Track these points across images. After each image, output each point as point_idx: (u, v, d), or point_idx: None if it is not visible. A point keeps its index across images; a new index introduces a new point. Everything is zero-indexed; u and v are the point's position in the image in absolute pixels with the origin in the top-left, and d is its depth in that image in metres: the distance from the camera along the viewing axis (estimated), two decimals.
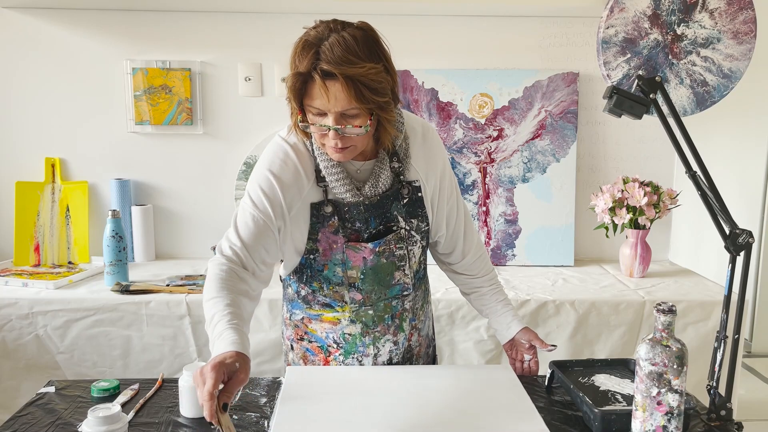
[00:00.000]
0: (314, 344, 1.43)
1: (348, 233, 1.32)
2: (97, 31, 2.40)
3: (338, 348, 1.41)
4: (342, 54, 1.15)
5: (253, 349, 2.03)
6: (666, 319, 1.05)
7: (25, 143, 2.44)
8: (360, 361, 1.42)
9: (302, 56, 1.17)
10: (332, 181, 1.28)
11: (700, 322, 2.08)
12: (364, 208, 1.31)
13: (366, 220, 1.32)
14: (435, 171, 1.38)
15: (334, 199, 1.30)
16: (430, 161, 1.37)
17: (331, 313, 1.39)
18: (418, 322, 1.47)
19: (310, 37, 1.20)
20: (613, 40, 1.51)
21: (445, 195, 1.41)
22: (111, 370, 2.04)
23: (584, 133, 2.53)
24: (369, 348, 1.41)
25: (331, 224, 1.30)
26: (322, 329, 1.41)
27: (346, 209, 1.30)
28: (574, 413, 1.28)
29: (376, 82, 1.17)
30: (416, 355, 1.49)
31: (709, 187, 1.34)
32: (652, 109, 1.44)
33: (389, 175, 1.31)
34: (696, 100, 1.54)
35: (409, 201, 1.35)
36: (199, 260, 2.48)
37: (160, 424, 1.21)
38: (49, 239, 2.42)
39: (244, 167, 2.45)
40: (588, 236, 2.56)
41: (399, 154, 1.33)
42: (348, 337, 1.40)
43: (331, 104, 1.16)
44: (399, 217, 1.34)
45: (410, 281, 1.40)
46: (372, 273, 1.34)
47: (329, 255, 1.32)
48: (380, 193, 1.31)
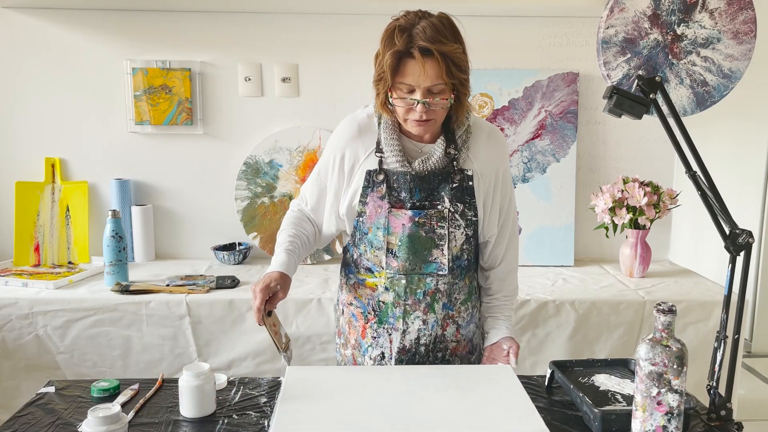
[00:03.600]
0: (358, 310, 1.54)
1: (393, 200, 1.45)
2: (97, 31, 2.40)
3: (374, 316, 1.51)
4: (433, 35, 1.33)
5: (252, 349, 2.04)
6: (666, 319, 1.05)
7: (25, 143, 2.44)
8: (390, 334, 1.49)
9: (397, 38, 1.33)
10: (388, 152, 1.44)
11: (700, 322, 2.08)
12: (410, 179, 1.44)
13: (411, 191, 1.45)
14: (492, 170, 1.50)
15: (387, 169, 1.45)
16: (489, 159, 1.50)
17: (371, 278, 1.50)
18: (455, 314, 1.52)
19: (401, 23, 1.35)
20: (613, 40, 1.51)
21: (498, 197, 1.52)
22: (111, 370, 2.04)
23: (584, 133, 2.53)
24: (399, 321, 1.48)
25: (379, 190, 1.45)
26: (365, 295, 1.52)
27: (395, 178, 1.45)
28: (574, 413, 1.28)
29: (461, 59, 1.36)
30: (452, 352, 1.53)
31: (709, 187, 1.34)
32: (652, 109, 1.44)
33: (442, 157, 1.44)
34: (696, 100, 1.54)
35: (459, 186, 1.47)
36: (199, 260, 2.48)
37: (160, 424, 1.21)
38: (49, 239, 2.42)
39: (244, 167, 2.45)
40: (588, 236, 2.56)
41: (457, 143, 1.47)
42: (382, 305, 1.50)
43: (422, 79, 1.33)
44: (446, 197, 1.46)
45: (447, 262, 1.47)
46: (409, 242, 1.44)
47: (374, 219, 1.46)
48: (429, 169, 1.44)
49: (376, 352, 1.51)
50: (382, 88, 1.38)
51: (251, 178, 2.45)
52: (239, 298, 2.02)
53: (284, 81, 2.45)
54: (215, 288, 2.11)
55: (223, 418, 1.24)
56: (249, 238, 2.48)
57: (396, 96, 1.36)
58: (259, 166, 2.45)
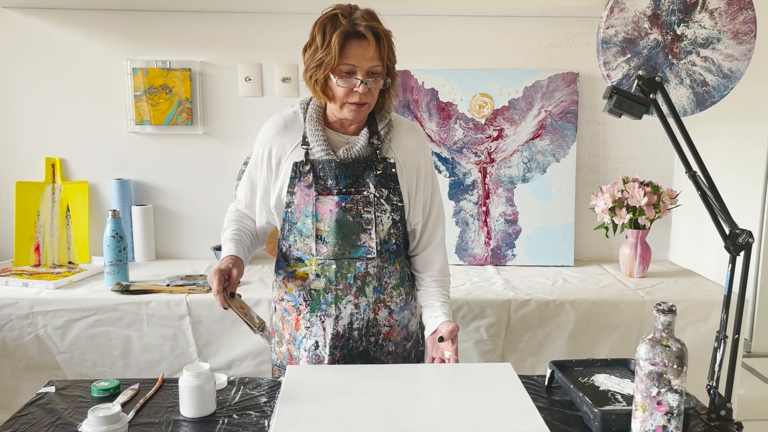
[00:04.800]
0: (289, 303, 1.59)
1: (320, 188, 1.52)
2: (97, 31, 2.40)
3: (306, 305, 1.55)
4: (372, 19, 1.44)
5: (253, 349, 2.04)
6: (666, 319, 1.05)
7: (25, 143, 2.44)
8: (323, 321, 1.53)
9: (338, 22, 1.41)
10: (313, 142, 1.51)
11: (700, 322, 2.08)
12: (336, 166, 1.51)
13: (336, 178, 1.52)
14: (414, 160, 1.58)
15: (313, 159, 1.52)
16: (410, 151, 1.58)
17: (301, 268, 1.55)
18: (387, 298, 1.56)
19: (339, 10, 1.44)
20: (613, 40, 1.51)
21: (422, 186, 1.60)
22: (111, 370, 2.04)
23: (584, 133, 2.53)
24: (331, 307, 1.53)
25: (306, 179, 1.52)
26: (295, 287, 1.57)
27: (321, 166, 1.52)
28: (574, 413, 1.28)
29: (393, 45, 1.48)
30: (385, 337, 1.57)
31: (709, 187, 1.34)
32: (652, 109, 1.44)
33: (365, 146, 1.52)
34: (696, 100, 1.54)
35: (383, 173, 1.54)
36: (199, 260, 2.48)
37: (160, 424, 1.21)
38: (49, 239, 2.42)
39: (244, 167, 2.45)
40: (588, 236, 2.56)
41: (380, 134, 1.55)
42: (313, 293, 1.54)
43: (365, 60, 1.41)
44: (370, 184, 1.53)
45: (375, 245, 1.53)
46: (337, 227, 1.50)
47: (302, 207, 1.52)
48: (353, 157, 1.51)
49: (309, 342, 1.54)
50: (321, 74, 1.44)
51: None
52: None
53: (284, 81, 2.45)
54: None
55: (223, 418, 1.24)
56: None
57: (338, 78, 1.42)
58: None
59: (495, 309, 2.04)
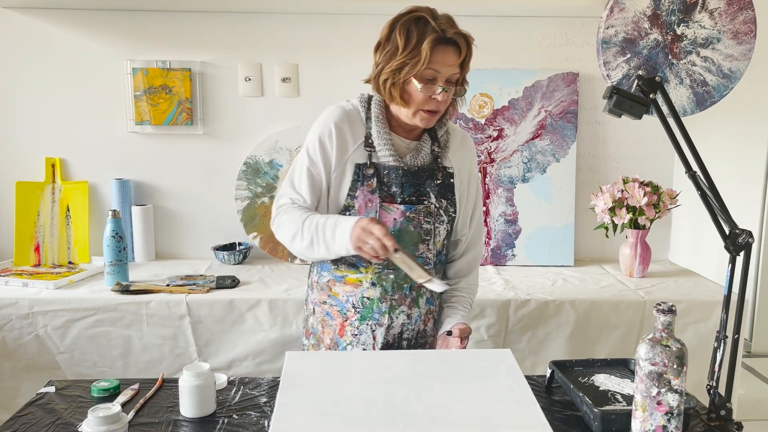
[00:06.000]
0: (334, 308, 1.52)
1: (384, 195, 1.46)
2: (97, 31, 2.40)
3: (355, 312, 1.50)
4: (455, 25, 1.41)
5: (253, 349, 2.04)
6: (666, 319, 1.05)
7: (25, 143, 2.44)
8: (373, 330, 1.49)
9: (427, 26, 1.36)
10: (380, 146, 1.45)
11: (700, 322, 2.08)
12: (402, 174, 1.46)
13: (402, 185, 1.47)
14: (466, 170, 1.56)
15: (377, 163, 1.46)
16: (463, 161, 1.56)
17: (354, 275, 1.49)
18: (435, 309, 1.56)
19: (422, 14, 1.39)
20: (613, 40, 1.51)
21: (472, 197, 1.59)
22: (111, 370, 2.04)
23: (584, 133, 2.53)
24: (384, 317, 1.49)
25: (369, 184, 1.46)
26: (343, 292, 1.50)
27: (386, 172, 1.46)
28: (574, 413, 1.28)
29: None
30: (430, 346, 1.57)
31: (709, 187, 1.34)
32: (652, 109, 1.44)
33: (429, 153, 1.50)
34: (696, 100, 1.54)
35: (442, 183, 1.51)
36: (199, 260, 2.48)
37: (160, 424, 1.21)
38: (49, 239, 2.42)
39: (244, 167, 2.45)
40: (588, 236, 2.56)
41: (440, 141, 1.52)
42: (366, 301, 1.49)
43: (448, 67, 1.38)
44: (431, 193, 1.49)
45: (433, 258, 1.51)
46: (398, 237, 1.45)
47: (363, 213, 1.46)
48: (419, 165, 1.48)
49: (356, 350, 1.51)
50: (402, 77, 1.38)
51: (251, 178, 2.45)
52: (239, 298, 2.02)
53: (284, 81, 2.45)
54: (215, 288, 2.11)
55: (223, 418, 1.24)
56: (249, 238, 2.48)
57: (422, 84, 1.38)
58: (260, 166, 2.45)
59: (495, 309, 2.04)
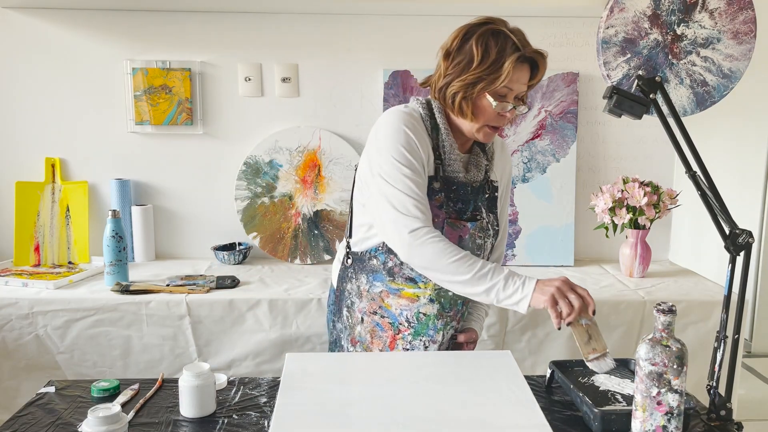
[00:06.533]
0: (386, 320, 1.47)
1: (450, 210, 1.39)
2: (97, 31, 2.40)
3: (409, 327, 1.45)
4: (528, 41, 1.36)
5: (253, 349, 2.04)
6: (666, 319, 1.05)
7: (25, 143, 2.44)
8: (426, 346, 1.47)
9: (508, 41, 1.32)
10: (451, 160, 1.39)
11: (700, 322, 2.08)
12: (471, 190, 1.41)
13: (467, 202, 1.41)
14: (504, 181, 1.55)
15: (447, 177, 1.39)
16: (503, 171, 1.54)
17: (412, 289, 1.43)
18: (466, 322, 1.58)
19: (501, 26, 1.35)
20: (613, 40, 1.51)
21: (506, 207, 1.57)
22: (111, 370, 2.04)
23: (584, 133, 2.53)
24: (439, 334, 1.47)
25: (437, 199, 1.38)
26: (397, 305, 1.45)
27: (454, 188, 1.40)
28: (574, 413, 1.28)
29: None
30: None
31: (709, 187, 1.34)
32: (652, 109, 1.44)
33: (483, 167, 1.46)
34: (696, 100, 1.54)
35: (490, 197, 1.46)
36: (199, 260, 2.48)
37: (160, 424, 1.21)
38: (49, 239, 2.42)
39: (244, 167, 2.45)
40: (588, 236, 2.56)
41: (488, 154, 1.47)
42: (422, 317, 1.45)
43: (521, 84, 1.35)
44: (483, 208, 1.44)
45: None
46: None
47: None
48: (478, 180, 1.43)
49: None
50: (476, 91, 1.33)
51: (251, 178, 2.45)
52: (239, 298, 2.02)
53: (284, 81, 2.45)
54: (215, 288, 2.11)
55: (223, 418, 1.24)
56: (249, 238, 2.48)
57: (496, 101, 1.34)
58: (259, 166, 2.45)
59: (495, 309, 2.04)
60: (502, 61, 1.31)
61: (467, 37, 1.35)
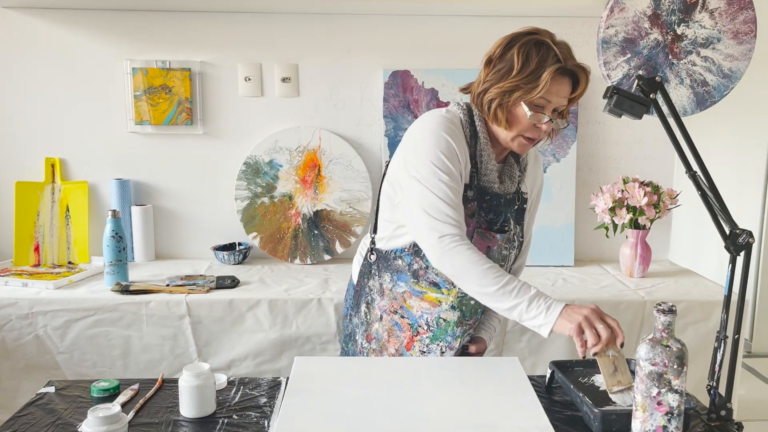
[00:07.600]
0: (405, 320, 1.47)
1: (481, 220, 1.39)
2: (97, 31, 2.40)
3: (428, 330, 1.45)
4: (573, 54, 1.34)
5: (252, 349, 2.04)
6: (666, 319, 1.05)
7: (25, 143, 2.44)
8: (443, 352, 1.46)
9: (550, 52, 1.30)
10: (487, 170, 1.38)
11: (700, 322, 2.08)
12: (503, 202, 1.40)
13: (499, 213, 1.40)
14: (534, 192, 1.53)
15: (479, 186, 1.38)
16: (534, 182, 1.52)
17: (435, 294, 1.43)
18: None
19: (546, 36, 1.32)
20: (613, 40, 1.51)
21: (533, 218, 1.55)
22: (111, 370, 2.04)
23: (584, 133, 2.53)
24: (456, 341, 1.46)
25: (469, 207, 1.37)
26: (419, 307, 1.45)
27: (488, 198, 1.38)
28: (574, 413, 1.28)
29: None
30: None
31: (709, 187, 1.34)
32: (652, 109, 1.44)
33: (516, 179, 1.44)
34: (696, 100, 1.54)
35: (519, 209, 1.45)
36: (199, 260, 2.48)
37: (160, 424, 1.21)
38: (49, 239, 2.42)
39: (244, 167, 2.45)
40: (588, 236, 2.56)
41: (521, 165, 1.45)
42: (442, 323, 1.44)
43: (560, 97, 1.33)
44: (511, 219, 1.43)
45: None
46: None
47: None
48: (512, 192, 1.42)
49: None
50: (513, 100, 1.32)
51: (251, 178, 2.45)
52: (239, 298, 2.02)
53: (284, 81, 2.45)
54: (215, 288, 2.11)
55: (223, 418, 1.24)
56: (249, 238, 2.48)
57: (532, 112, 1.32)
58: (259, 166, 2.45)
59: None
60: (541, 71, 1.29)
61: (510, 45, 1.33)
